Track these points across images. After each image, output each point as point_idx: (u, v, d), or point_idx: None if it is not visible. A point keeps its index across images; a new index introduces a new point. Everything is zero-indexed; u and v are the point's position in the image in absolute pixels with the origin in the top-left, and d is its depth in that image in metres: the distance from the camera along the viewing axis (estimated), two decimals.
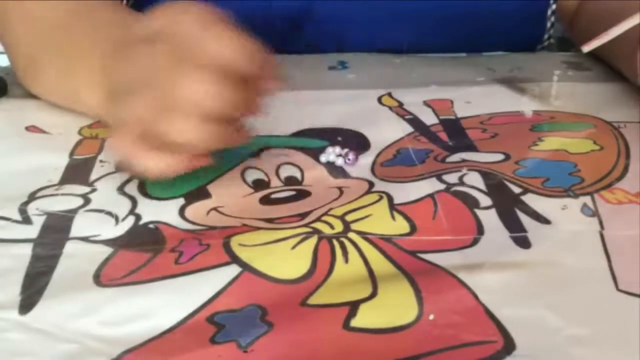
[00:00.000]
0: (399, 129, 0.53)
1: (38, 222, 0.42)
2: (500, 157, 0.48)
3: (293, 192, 0.45)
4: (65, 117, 0.54)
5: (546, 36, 0.73)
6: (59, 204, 0.44)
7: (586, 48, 0.47)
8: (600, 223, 0.41)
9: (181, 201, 0.44)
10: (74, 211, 0.43)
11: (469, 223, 0.41)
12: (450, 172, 0.46)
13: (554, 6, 0.71)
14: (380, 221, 0.41)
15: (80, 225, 0.41)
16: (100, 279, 0.37)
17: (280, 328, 0.33)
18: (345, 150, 0.49)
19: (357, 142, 0.51)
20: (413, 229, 0.40)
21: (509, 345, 0.32)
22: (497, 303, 0.34)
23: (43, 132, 0.53)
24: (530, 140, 0.51)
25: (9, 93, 0.59)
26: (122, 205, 0.43)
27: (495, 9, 0.69)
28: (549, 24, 0.72)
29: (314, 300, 0.35)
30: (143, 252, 0.39)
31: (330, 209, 0.43)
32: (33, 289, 0.36)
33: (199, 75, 0.38)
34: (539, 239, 0.39)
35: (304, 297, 0.35)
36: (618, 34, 0.46)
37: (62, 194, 0.45)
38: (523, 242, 0.39)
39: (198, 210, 0.43)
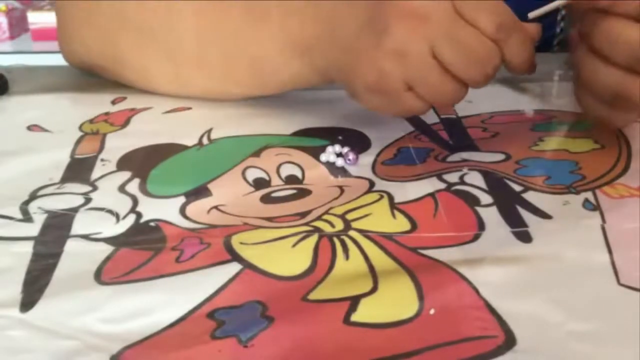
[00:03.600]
0: (400, 128, 0.53)
1: (39, 220, 0.42)
2: (501, 156, 0.48)
3: (294, 191, 0.45)
4: (66, 114, 0.55)
5: (555, 41, 0.74)
6: (60, 202, 0.44)
7: (531, 15, 0.47)
8: (602, 217, 0.41)
9: (182, 199, 0.44)
10: (75, 210, 0.43)
11: (470, 220, 0.41)
12: (451, 171, 0.46)
13: (563, 11, 0.71)
14: (381, 219, 0.41)
15: (81, 224, 0.42)
16: (101, 276, 0.37)
17: (281, 323, 0.33)
18: (346, 149, 0.49)
19: (357, 141, 0.51)
20: (414, 227, 0.40)
21: (510, 340, 0.32)
22: (498, 297, 0.34)
23: (44, 130, 0.54)
24: (531, 140, 0.51)
25: (9, 90, 0.59)
26: (123, 204, 0.44)
27: None
28: (558, 29, 0.72)
29: (314, 295, 0.35)
30: (144, 251, 0.39)
31: (331, 207, 0.43)
32: (34, 286, 0.36)
33: None
34: (540, 233, 0.39)
35: (304, 292, 0.35)
36: (562, 3, 0.47)
37: (63, 193, 0.45)
38: (524, 237, 0.39)
39: (199, 208, 0.43)
